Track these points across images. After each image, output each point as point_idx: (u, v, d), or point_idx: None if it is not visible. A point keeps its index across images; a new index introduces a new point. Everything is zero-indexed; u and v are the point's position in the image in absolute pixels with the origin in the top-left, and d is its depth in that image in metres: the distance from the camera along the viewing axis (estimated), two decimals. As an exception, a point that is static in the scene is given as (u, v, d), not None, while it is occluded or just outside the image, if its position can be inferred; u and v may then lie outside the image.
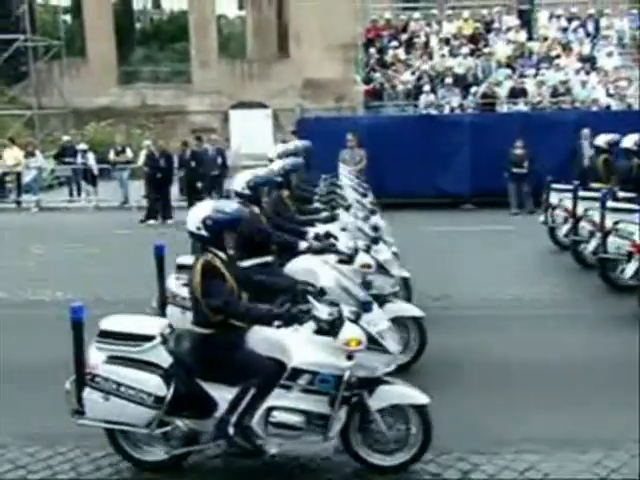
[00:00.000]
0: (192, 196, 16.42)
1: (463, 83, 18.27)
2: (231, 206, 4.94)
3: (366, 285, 6.37)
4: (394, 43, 19.89)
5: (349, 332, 4.60)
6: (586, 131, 15.74)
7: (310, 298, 4.85)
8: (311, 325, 4.67)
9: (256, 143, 25.73)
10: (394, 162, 15.44)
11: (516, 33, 19.71)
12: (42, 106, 28.53)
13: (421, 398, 4.74)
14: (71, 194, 20.23)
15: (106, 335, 4.81)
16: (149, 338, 4.75)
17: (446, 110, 17.73)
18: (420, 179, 16.13)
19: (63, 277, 10.86)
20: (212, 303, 4.62)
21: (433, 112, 17.59)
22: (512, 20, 20.31)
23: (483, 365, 6.74)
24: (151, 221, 16.32)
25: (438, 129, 16.49)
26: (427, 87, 18.01)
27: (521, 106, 17.52)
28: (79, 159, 19.77)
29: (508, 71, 18.48)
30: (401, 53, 19.57)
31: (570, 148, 15.89)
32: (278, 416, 4.57)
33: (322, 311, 4.70)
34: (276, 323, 4.76)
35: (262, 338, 4.76)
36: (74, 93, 28.60)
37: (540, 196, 15.58)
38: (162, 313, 6.49)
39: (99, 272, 11.13)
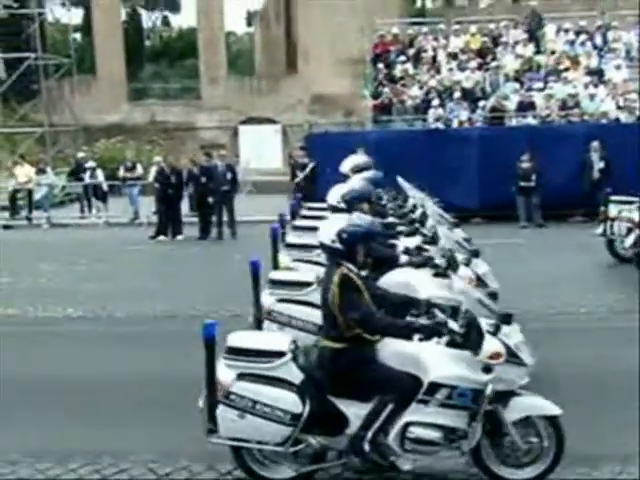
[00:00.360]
0: (203, 211, 16.51)
1: (471, 97, 18.27)
2: (366, 219, 4.92)
3: (493, 296, 6.22)
4: (402, 58, 19.93)
5: (491, 345, 4.53)
6: (595, 144, 15.76)
7: (436, 311, 4.82)
8: (443, 338, 4.65)
9: (265, 158, 25.88)
10: (402, 176, 15.41)
11: (524, 47, 19.72)
12: (53, 123, 28.73)
13: (553, 409, 4.67)
14: (82, 210, 20.32)
15: (235, 352, 4.70)
16: (279, 354, 4.66)
17: (454, 124, 17.74)
18: (428, 193, 16.11)
19: (74, 293, 10.85)
20: (351, 316, 4.55)
21: (441, 126, 17.60)
22: (519, 34, 20.32)
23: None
24: (161, 237, 16.36)
25: (447, 143, 16.52)
26: (435, 101, 18.03)
27: (530, 120, 17.51)
28: (87, 177, 19.90)
29: (516, 85, 18.49)
30: (409, 68, 19.61)
31: (579, 161, 15.89)
32: (416, 432, 4.51)
33: (453, 324, 4.67)
34: (417, 336, 4.72)
35: (394, 352, 4.67)
36: (84, 110, 28.86)
37: (548, 209, 15.68)
38: (258, 329, 6.32)
39: (109, 288, 11.15)
